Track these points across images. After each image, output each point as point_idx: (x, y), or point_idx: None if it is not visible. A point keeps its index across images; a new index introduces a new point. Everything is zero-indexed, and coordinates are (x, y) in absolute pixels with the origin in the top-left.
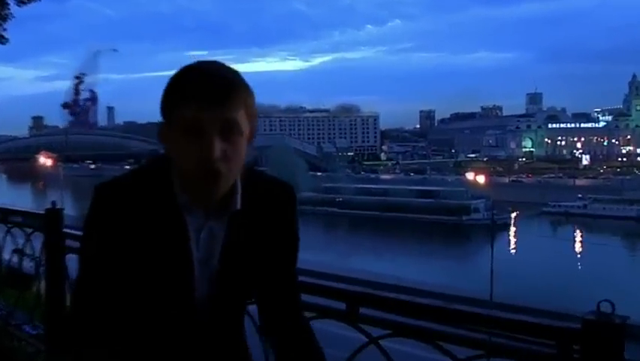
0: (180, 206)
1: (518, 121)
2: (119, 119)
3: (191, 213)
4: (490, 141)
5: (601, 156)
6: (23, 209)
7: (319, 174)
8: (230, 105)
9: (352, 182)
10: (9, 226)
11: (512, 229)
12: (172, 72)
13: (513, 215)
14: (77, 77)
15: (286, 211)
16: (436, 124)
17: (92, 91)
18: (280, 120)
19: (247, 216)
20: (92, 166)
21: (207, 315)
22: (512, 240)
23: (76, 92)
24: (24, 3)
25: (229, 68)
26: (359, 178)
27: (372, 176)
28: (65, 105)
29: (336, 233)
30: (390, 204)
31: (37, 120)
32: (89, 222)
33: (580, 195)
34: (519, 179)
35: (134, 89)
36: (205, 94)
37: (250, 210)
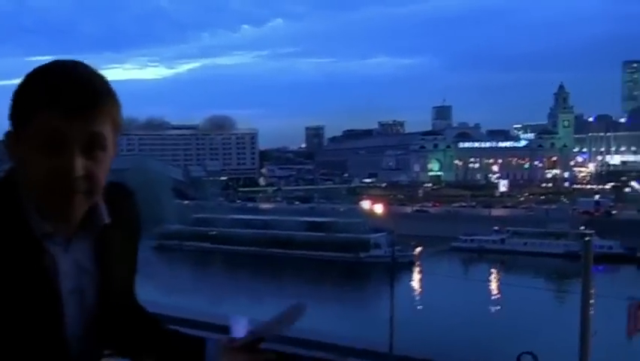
0: (38, 235)
1: (423, 139)
2: None
3: (50, 240)
4: (390, 163)
5: (522, 181)
6: None
7: (187, 202)
8: (98, 116)
9: (228, 212)
10: None
11: (417, 267)
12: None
13: (417, 251)
14: None
15: (137, 220)
16: (325, 143)
17: None
18: (140, 138)
19: (110, 231)
20: None
21: (81, 346)
22: (417, 281)
23: None
24: None
25: (95, 72)
26: (235, 208)
27: (250, 205)
28: None
29: (208, 272)
30: (273, 239)
31: None
32: None
33: (496, 228)
34: (424, 208)
35: None
36: (71, 102)
37: (111, 225)
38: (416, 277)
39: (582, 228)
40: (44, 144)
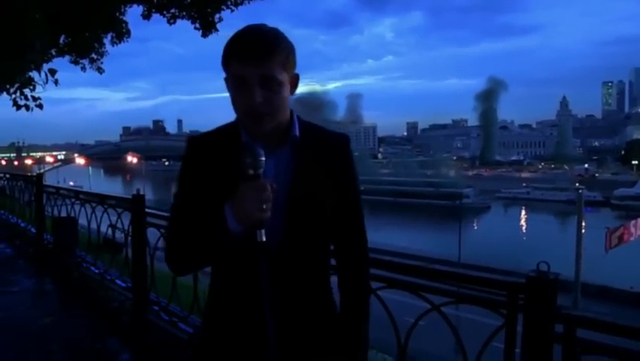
0: (243, 140)
1: (478, 129)
2: (186, 128)
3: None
4: (458, 145)
5: (540, 156)
6: (116, 195)
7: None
8: (266, 63)
9: (370, 175)
10: (105, 207)
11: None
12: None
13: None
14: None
15: (342, 152)
16: (418, 132)
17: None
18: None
19: (306, 146)
20: (167, 163)
21: (281, 247)
22: (476, 219)
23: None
24: (116, 43)
25: (272, 31)
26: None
27: (372, 170)
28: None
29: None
30: (401, 192)
31: (126, 129)
32: (182, 162)
33: (524, 185)
34: (479, 173)
35: (196, 107)
36: (245, 54)
37: (308, 142)
38: (484, 216)
39: (577, 184)
40: (236, 84)
